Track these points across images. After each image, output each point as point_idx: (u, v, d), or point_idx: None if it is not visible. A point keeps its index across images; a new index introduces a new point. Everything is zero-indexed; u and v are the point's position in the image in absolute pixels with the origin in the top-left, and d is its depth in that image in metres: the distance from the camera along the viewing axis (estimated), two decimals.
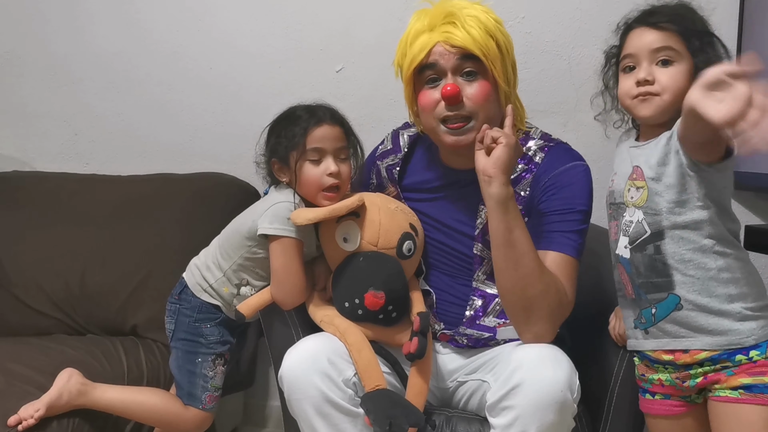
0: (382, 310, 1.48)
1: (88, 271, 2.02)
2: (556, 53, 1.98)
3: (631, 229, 1.36)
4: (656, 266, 1.33)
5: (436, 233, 1.59)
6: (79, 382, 1.59)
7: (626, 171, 1.38)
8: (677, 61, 1.32)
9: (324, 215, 1.48)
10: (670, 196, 1.31)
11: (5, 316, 2.02)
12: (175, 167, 2.23)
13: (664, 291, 1.32)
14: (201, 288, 1.64)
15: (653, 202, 1.32)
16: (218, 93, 2.24)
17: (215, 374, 1.66)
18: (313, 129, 1.52)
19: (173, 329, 1.67)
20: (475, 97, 1.44)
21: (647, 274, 1.34)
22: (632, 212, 1.36)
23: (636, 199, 1.35)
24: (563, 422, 1.33)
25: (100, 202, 2.11)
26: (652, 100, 1.33)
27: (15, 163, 2.37)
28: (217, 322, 1.65)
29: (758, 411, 1.26)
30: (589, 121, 1.92)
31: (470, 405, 1.54)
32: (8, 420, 1.48)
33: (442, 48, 1.43)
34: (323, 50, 2.14)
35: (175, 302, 1.68)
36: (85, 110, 2.34)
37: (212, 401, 1.66)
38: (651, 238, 1.33)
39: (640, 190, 1.34)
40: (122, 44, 2.28)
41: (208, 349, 1.65)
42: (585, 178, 1.49)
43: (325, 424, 1.38)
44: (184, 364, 1.65)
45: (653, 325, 1.35)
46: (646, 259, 1.34)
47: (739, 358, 1.29)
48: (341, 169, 1.53)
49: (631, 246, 1.36)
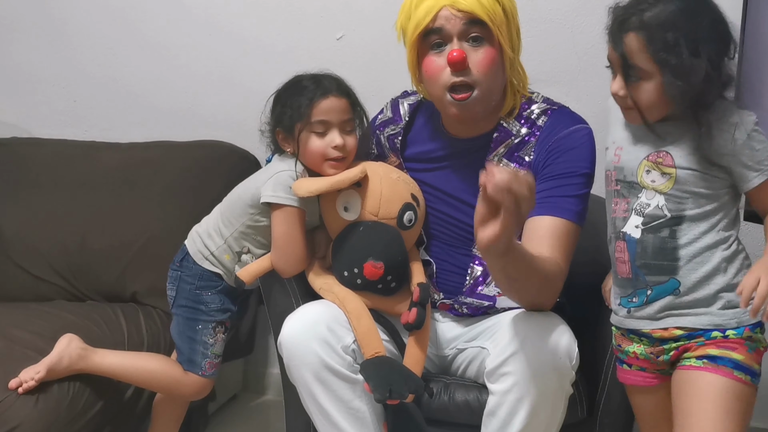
0: (381, 280, 1.48)
1: (87, 237, 2.02)
2: (560, 21, 1.96)
3: (647, 210, 1.31)
4: (666, 250, 1.30)
5: (439, 203, 1.59)
6: (79, 347, 1.60)
7: (641, 149, 1.32)
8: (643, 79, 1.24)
9: (326, 188, 1.47)
10: (701, 189, 1.28)
11: (5, 282, 2.03)
12: (175, 134, 2.21)
13: (666, 275, 1.30)
14: (202, 256, 1.64)
15: (681, 191, 1.28)
16: (218, 60, 2.23)
17: (215, 341, 1.66)
18: (319, 101, 1.51)
19: (174, 296, 1.68)
20: (481, 64, 1.42)
21: (654, 256, 1.31)
22: (651, 195, 1.31)
23: (659, 184, 1.29)
24: (561, 389, 1.35)
25: (100, 169, 2.10)
26: (631, 112, 1.30)
27: (14, 129, 2.36)
28: (218, 290, 1.65)
29: (717, 381, 1.24)
30: (591, 90, 1.92)
31: (469, 372, 1.55)
32: (9, 383, 1.49)
33: (448, 12, 1.41)
34: (323, 17, 2.12)
35: (176, 269, 1.68)
36: (84, 76, 2.33)
37: (212, 368, 1.67)
38: (669, 222, 1.29)
39: (666, 177, 1.29)
40: (121, 9, 2.25)
41: (208, 317, 1.65)
42: (588, 141, 1.48)
43: (324, 390, 1.39)
44: (185, 330, 1.66)
45: (642, 306, 1.33)
46: (657, 241, 1.30)
47: (714, 334, 1.28)
48: (346, 141, 1.52)
49: (644, 227, 1.31)
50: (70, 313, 1.84)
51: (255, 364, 2.33)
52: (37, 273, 2.02)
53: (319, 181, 1.50)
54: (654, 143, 1.31)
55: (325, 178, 1.50)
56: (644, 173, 1.32)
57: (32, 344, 1.64)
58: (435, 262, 1.59)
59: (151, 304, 1.97)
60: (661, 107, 1.27)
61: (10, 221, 2.06)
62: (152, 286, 1.94)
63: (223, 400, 2.20)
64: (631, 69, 1.25)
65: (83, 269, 2.02)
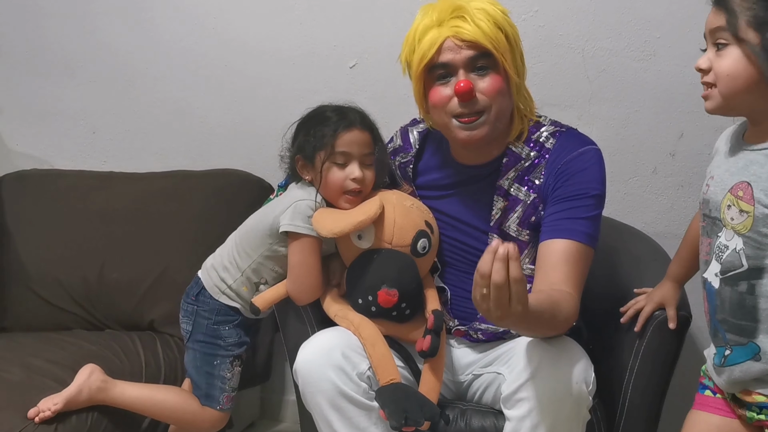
0: (395, 307, 1.48)
1: (106, 266, 2.04)
2: (570, 46, 1.97)
3: (725, 256, 1.17)
4: (745, 307, 1.15)
5: (450, 230, 1.59)
6: (99, 379, 1.60)
7: (728, 179, 1.17)
8: (730, 44, 1.12)
9: (349, 230, 1.47)
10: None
11: (24, 312, 2.05)
12: (192, 165, 2.24)
13: (745, 336, 1.16)
14: (219, 290, 1.64)
15: (759, 234, 1.12)
16: (233, 91, 2.25)
17: (233, 375, 1.66)
18: (343, 132, 1.52)
19: (191, 330, 1.67)
20: (488, 91, 1.43)
21: (732, 313, 1.17)
22: (730, 236, 1.16)
23: (737, 223, 1.14)
24: (578, 415, 1.33)
25: (118, 199, 2.13)
26: (711, 97, 1.16)
27: (34, 161, 2.39)
28: (235, 324, 1.65)
29: None
30: (603, 114, 1.92)
31: (485, 398, 1.54)
32: (28, 412, 1.50)
33: (452, 43, 1.42)
34: (336, 47, 2.14)
35: (192, 303, 1.68)
36: (102, 109, 2.36)
37: (229, 402, 1.67)
38: (747, 274, 1.14)
39: (744, 215, 1.13)
40: (138, 43, 2.29)
41: (226, 351, 1.65)
42: (598, 162, 1.47)
43: (340, 418, 1.39)
44: (203, 365, 1.66)
45: (721, 367, 1.21)
46: (735, 296, 1.16)
47: None
48: (365, 174, 1.53)
49: (722, 276, 1.18)
50: (89, 342, 1.86)
51: (272, 392, 2.32)
52: (56, 302, 2.04)
53: (340, 221, 1.48)
54: (740, 173, 1.16)
55: (347, 219, 1.48)
56: (726, 208, 1.17)
57: (51, 373, 1.65)
58: (449, 289, 1.58)
59: (168, 332, 1.97)
60: (743, 88, 1.12)
61: (29, 251, 2.08)
62: (169, 314, 1.94)
63: (240, 427, 2.19)
64: (726, 32, 1.11)
65: (102, 298, 2.04)
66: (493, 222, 1.52)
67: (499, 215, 1.51)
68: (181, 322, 1.70)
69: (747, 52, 1.10)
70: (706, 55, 1.16)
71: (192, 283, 1.70)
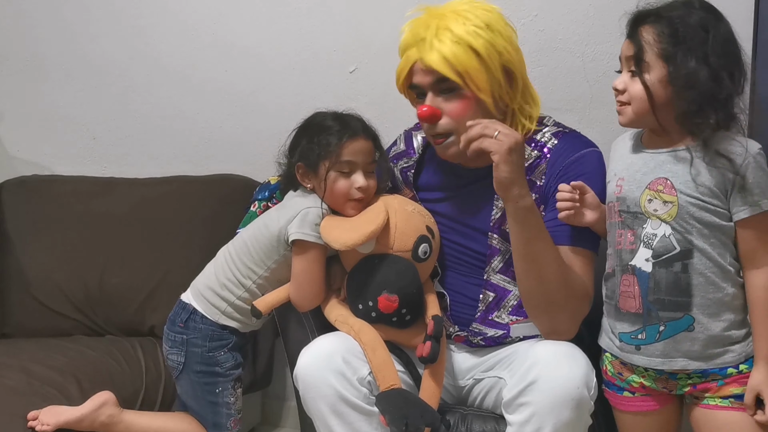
0: (395, 313, 1.48)
1: (106, 272, 2.04)
2: (570, 50, 1.97)
3: (655, 242, 1.31)
4: (680, 285, 1.29)
5: (450, 233, 1.59)
6: (107, 414, 1.58)
7: (642, 178, 1.33)
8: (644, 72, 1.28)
9: (362, 241, 1.46)
10: (705, 218, 1.28)
11: (25, 318, 2.05)
12: (192, 170, 2.24)
13: (681, 311, 1.30)
14: (219, 311, 1.60)
15: (684, 220, 1.28)
16: (233, 96, 2.25)
17: (236, 399, 1.63)
18: (348, 142, 1.52)
19: (183, 362, 1.61)
20: (454, 114, 1.45)
21: (668, 291, 1.30)
22: (656, 225, 1.31)
23: (662, 213, 1.30)
24: (580, 419, 1.33)
25: (118, 205, 2.13)
26: (625, 111, 1.34)
27: (35, 167, 2.40)
28: (230, 347, 1.62)
29: (748, 418, 1.29)
30: (603, 118, 1.92)
31: (486, 402, 1.54)
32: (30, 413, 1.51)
33: (419, 66, 1.45)
34: (336, 51, 2.15)
35: (180, 332, 1.62)
36: (103, 115, 2.36)
37: (237, 424, 1.64)
38: (679, 255, 1.29)
39: (668, 205, 1.29)
40: (138, 49, 2.29)
41: (226, 377, 1.62)
42: (599, 165, 1.48)
43: (340, 423, 1.39)
44: (204, 396, 1.62)
45: (653, 343, 1.32)
46: (671, 276, 1.30)
47: (730, 371, 1.30)
48: (369, 183, 1.53)
49: (655, 260, 1.31)
50: (89, 347, 1.86)
51: (273, 397, 2.32)
52: (57, 308, 2.04)
53: (351, 232, 1.47)
54: (654, 171, 1.32)
55: (359, 231, 1.47)
56: (647, 202, 1.32)
57: (52, 380, 1.65)
58: (449, 294, 1.58)
59: None
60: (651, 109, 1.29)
61: (30, 257, 2.09)
62: None
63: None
64: (640, 61, 1.28)
65: (102, 304, 2.04)
66: (494, 222, 1.52)
67: (499, 215, 1.50)
68: (169, 354, 1.64)
69: (655, 79, 1.27)
70: (622, 77, 1.33)
71: (176, 309, 1.65)
